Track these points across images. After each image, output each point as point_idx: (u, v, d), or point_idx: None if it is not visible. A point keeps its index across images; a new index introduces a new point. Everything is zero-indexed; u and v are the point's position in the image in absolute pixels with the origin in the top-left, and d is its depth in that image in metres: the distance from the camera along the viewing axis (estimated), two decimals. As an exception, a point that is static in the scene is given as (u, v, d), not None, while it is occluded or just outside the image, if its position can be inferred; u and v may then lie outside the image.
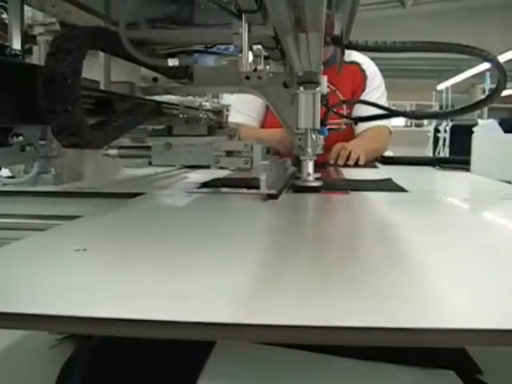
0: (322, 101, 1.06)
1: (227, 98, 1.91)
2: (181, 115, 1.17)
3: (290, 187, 1.10)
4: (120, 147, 1.19)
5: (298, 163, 1.18)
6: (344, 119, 1.85)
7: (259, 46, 0.94)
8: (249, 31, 0.62)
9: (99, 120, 0.78)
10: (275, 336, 0.37)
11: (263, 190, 0.90)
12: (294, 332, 0.37)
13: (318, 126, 1.05)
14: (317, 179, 1.11)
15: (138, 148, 1.17)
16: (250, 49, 0.65)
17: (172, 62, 0.78)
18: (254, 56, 0.67)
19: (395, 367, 0.47)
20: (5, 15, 1.14)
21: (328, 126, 1.25)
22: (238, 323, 0.37)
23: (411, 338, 0.37)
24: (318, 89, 1.02)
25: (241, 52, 0.65)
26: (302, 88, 1.03)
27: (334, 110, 1.41)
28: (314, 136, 1.08)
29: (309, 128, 1.05)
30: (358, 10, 0.68)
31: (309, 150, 1.08)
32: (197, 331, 0.37)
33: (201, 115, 1.17)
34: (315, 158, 1.11)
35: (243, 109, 2.11)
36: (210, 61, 1.07)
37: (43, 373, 0.47)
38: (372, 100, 2.11)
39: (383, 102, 2.18)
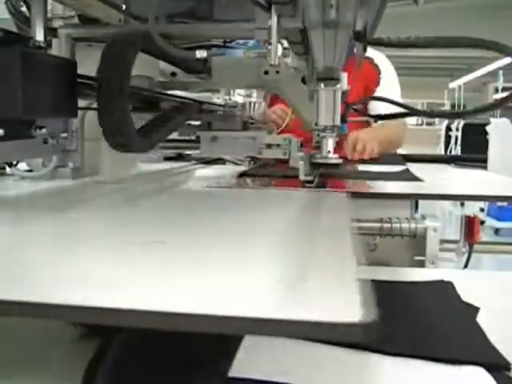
0: (342, 98, 1.05)
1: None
2: (218, 112, 1.23)
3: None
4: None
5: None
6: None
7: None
8: (278, 23, 0.62)
9: (146, 124, 0.81)
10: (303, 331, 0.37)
11: (302, 177, 1.04)
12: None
13: (338, 122, 1.04)
14: (337, 158, 1.13)
15: (174, 141, 1.24)
16: (279, 42, 0.65)
17: (200, 54, 0.78)
18: (283, 49, 0.66)
19: (424, 363, 0.46)
20: (24, 8, 1.14)
21: None
22: (269, 318, 0.37)
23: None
24: (338, 86, 1.01)
25: (269, 45, 0.64)
26: (322, 85, 1.01)
27: (354, 106, 1.40)
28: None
29: (329, 125, 1.05)
30: (386, 7, 0.67)
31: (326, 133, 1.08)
32: (226, 325, 0.37)
33: (238, 112, 1.22)
34: (336, 136, 1.11)
35: None
36: (238, 53, 1.07)
37: (69, 365, 0.47)
38: (385, 96, 2.10)
39: (397, 97, 2.17)
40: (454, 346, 0.49)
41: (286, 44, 0.91)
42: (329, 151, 1.11)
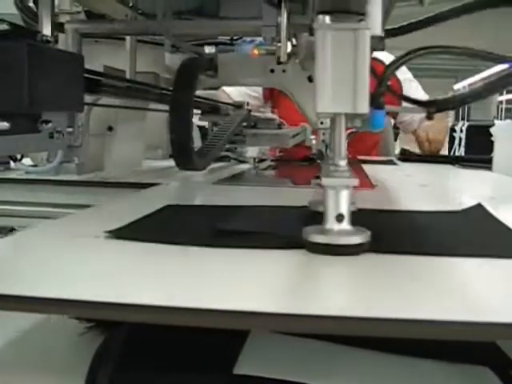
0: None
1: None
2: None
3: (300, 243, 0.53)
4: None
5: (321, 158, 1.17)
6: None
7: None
8: (287, 21, 0.61)
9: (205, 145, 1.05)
10: (314, 327, 0.37)
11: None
12: (331, 323, 0.37)
13: (364, 107, 0.49)
14: (357, 231, 0.52)
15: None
16: (288, 39, 0.64)
17: (208, 50, 0.78)
18: (292, 46, 0.66)
19: (427, 362, 0.46)
20: (31, 3, 1.14)
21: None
22: (274, 313, 0.37)
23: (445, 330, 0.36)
24: (363, 23, 0.83)
25: (278, 42, 0.64)
26: (327, 19, 0.90)
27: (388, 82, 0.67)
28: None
29: (339, 112, 0.51)
30: (395, 4, 0.67)
31: (341, 163, 0.52)
32: (232, 320, 0.37)
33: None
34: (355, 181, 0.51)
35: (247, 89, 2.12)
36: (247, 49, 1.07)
37: (73, 359, 0.47)
38: (412, 89, 2.12)
39: (420, 89, 2.20)
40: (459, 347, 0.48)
41: (294, 41, 0.90)
42: (341, 215, 0.52)
